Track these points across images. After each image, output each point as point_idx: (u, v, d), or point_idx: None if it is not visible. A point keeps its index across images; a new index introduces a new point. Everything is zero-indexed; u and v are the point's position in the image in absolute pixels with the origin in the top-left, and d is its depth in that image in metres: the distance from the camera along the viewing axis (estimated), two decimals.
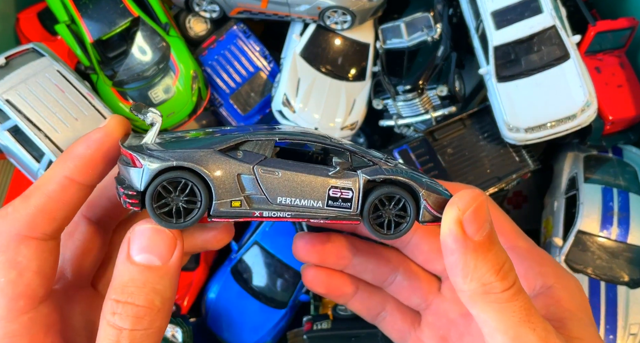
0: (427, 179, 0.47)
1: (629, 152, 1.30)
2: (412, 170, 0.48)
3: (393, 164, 0.47)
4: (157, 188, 0.42)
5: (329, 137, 0.47)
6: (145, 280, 0.41)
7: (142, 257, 0.42)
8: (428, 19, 1.33)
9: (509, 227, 0.53)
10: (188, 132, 0.50)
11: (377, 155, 0.47)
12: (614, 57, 1.27)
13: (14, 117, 1.09)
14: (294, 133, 0.45)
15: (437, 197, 0.45)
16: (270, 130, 0.47)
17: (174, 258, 0.42)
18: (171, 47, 1.28)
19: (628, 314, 1.10)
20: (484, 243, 0.41)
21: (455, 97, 1.27)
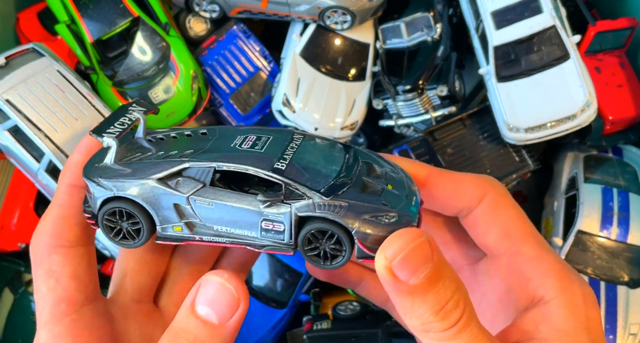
0: (377, 205, 0.44)
1: (629, 152, 1.30)
2: (365, 197, 0.44)
3: (342, 190, 0.44)
4: (104, 215, 0.46)
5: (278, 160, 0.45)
6: (197, 335, 0.41)
7: (202, 309, 0.42)
8: (428, 19, 1.33)
9: (517, 230, 0.48)
10: (173, 134, 0.52)
11: (316, 187, 0.43)
12: (614, 57, 1.27)
13: (14, 117, 1.09)
14: (235, 158, 0.44)
15: (375, 234, 0.42)
16: (222, 149, 0.46)
17: (234, 319, 0.42)
18: (171, 47, 1.28)
19: (628, 314, 1.10)
20: (421, 286, 0.39)
21: (455, 97, 1.27)
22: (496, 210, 0.48)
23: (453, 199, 0.49)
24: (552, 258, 0.47)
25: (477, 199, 0.48)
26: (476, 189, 0.49)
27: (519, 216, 0.49)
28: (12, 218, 1.25)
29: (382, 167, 0.49)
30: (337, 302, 1.31)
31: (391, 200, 0.44)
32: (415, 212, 0.45)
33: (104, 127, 0.49)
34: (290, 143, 0.47)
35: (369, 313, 1.31)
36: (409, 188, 0.47)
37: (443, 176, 0.50)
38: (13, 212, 1.25)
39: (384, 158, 0.50)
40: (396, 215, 0.43)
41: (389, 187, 0.46)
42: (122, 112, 0.52)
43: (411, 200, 0.46)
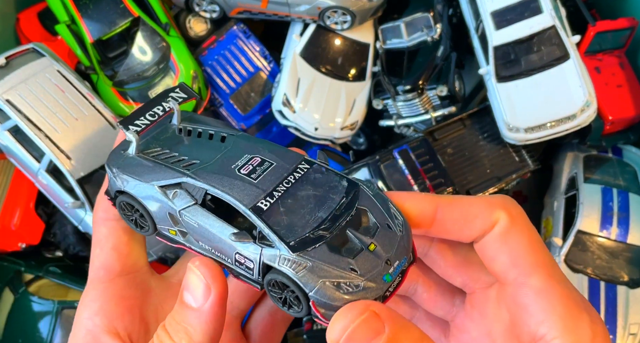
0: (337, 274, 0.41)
1: (629, 152, 1.30)
2: (335, 258, 0.42)
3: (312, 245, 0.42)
4: (119, 204, 0.50)
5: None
6: (183, 319, 0.44)
7: (185, 295, 0.44)
8: (428, 19, 1.33)
9: (526, 259, 0.44)
10: (200, 129, 0.51)
11: (287, 238, 0.42)
12: (614, 57, 1.27)
13: (14, 117, 1.09)
14: (227, 185, 0.44)
15: (331, 303, 0.41)
16: (221, 167, 0.46)
17: (208, 303, 0.43)
18: (171, 47, 1.29)
19: (628, 314, 1.10)
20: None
21: (455, 97, 1.28)
22: (506, 237, 0.45)
23: (465, 229, 0.46)
24: (561, 292, 0.43)
25: (490, 226, 0.45)
26: (488, 216, 0.45)
27: (531, 243, 0.45)
28: (13, 219, 1.25)
29: (379, 217, 0.44)
30: None
31: (365, 265, 0.42)
32: (389, 281, 0.42)
33: (134, 117, 0.50)
34: (291, 174, 0.45)
35: None
36: (396, 249, 0.43)
37: (452, 206, 0.46)
38: (13, 212, 1.25)
39: (388, 202, 0.46)
40: (361, 285, 0.41)
41: (371, 247, 0.42)
42: (160, 99, 0.52)
43: (391, 266, 0.42)
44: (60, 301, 1.20)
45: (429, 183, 1.17)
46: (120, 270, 0.52)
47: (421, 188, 1.17)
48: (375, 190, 0.46)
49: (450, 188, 1.17)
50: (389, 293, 0.43)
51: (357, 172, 1.23)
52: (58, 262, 1.30)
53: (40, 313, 1.21)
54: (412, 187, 1.17)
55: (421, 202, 0.46)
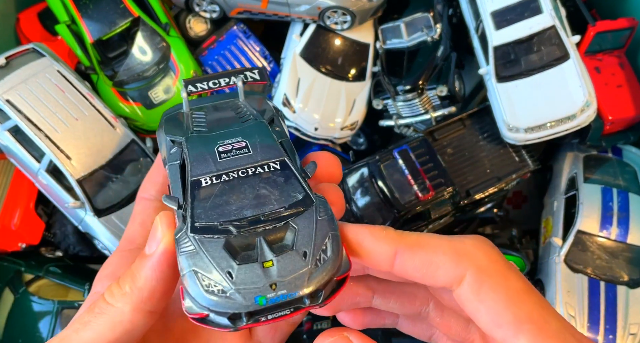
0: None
1: (629, 152, 1.30)
2: (218, 255, 0.39)
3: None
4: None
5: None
6: (134, 265, 0.43)
7: (147, 242, 0.45)
8: (428, 19, 1.33)
9: (508, 317, 0.38)
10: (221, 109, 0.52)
11: (194, 217, 0.41)
12: (614, 57, 1.27)
13: (15, 117, 1.09)
14: (196, 155, 0.45)
15: (191, 298, 0.39)
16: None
17: (157, 251, 0.42)
18: (171, 47, 1.29)
19: (628, 314, 1.10)
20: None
21: (455, 97, 1.28)
22: (479, 294, 0.39)
23: (427, 279, 0.41)
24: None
25: (456, 281, 0.40)
26: (452, 268, 0.40)
27: (511, 294, 0.39)
28: (13, 219, 1.25)
29: (301, 242, 0.40)
30: None
31: (245, 276, 0.38)
32: (261, 305, 0.38)
33: (199, 80, 0.50)
34: (255, 167, 0.43)
35: None
36: (293, 279, 0.39)
37: (413, 252, 0.41)
38: (13, 212, 1.25)
39: (327, 234, 0.41)
40: (227, 293, 0.38)
41: (266, 264, 0.39)
42: (233, 73, 0.52)
43: (274, 291, 0.38)
44: (60, 301, 1.20)
45: (429, 183, 1.17)
46: (141, 242, 0.51)
47: (421, 188, 1.17)
48: (326, 217, 0.41)
49: (450, 188, 1.17)
50: (263, 318, 0.39)
51: (357, 172, 1.23)
52: (58, 262, 1.30)
53: (40, 313, 1.21)
54: (412, 187, 1.17)
55: (380, 244, 0.41)
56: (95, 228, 1.17)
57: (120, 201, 1.19)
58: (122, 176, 1.19)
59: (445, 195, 1.17)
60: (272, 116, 0.49)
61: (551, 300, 1.13)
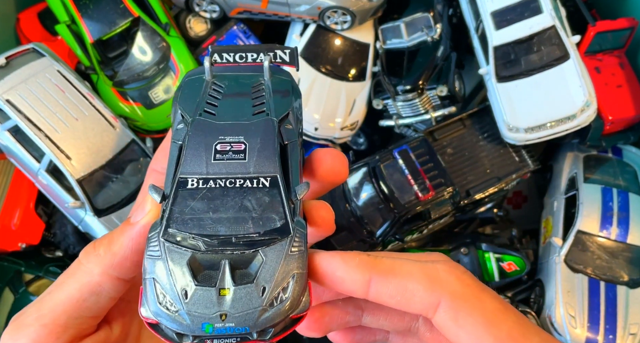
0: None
1: (629, 152, 1.30)
2: (182, 271, 0.39)
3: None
4: None
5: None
6: (115, 230, 0.44)
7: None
8: (428, 19, 1.33)
9: (488, 339, 0.39)
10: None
11: (169, 221, 0.41)
12: (614, 57, 1.27)
13: (15, 117, 1.09)
14: (193, 146, 0.43)
15: (145, 306, 0.39)
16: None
17: (141, 221, 0.43)
18: (171, 47, 1.29)
19: (628, 314, 1.10)
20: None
21: (455, 97, 1.28)
22: (457, 320, 0.40)
23: (403, 306, 0.41)
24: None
25: (432, 308, 0.40)
26: (426, 297, 0.40)
27: (488, 316, 0.39)
28: (13, 219, 1.25)
29: (264, 276, 0.39)
30: None
31: (199, 299, 0.38)
32: (207, 332, 0.37)
33: (226, 50, 0.48)
34: (245, 179, 0.41)
35: None
36: (244, 315, 0.38)
37: (387, 280, 0.41)
38: (14, 212, 1.25)
39: (292, 273, 0.39)
40: (178, 312, 0.38)
41: (222, 292, 0.38)
42: (263, 49, 0.49)
43: (222, 322, 0.37)
44: None
45: (429, 183, 1.17)
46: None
47: (421, 188, 1.17)
48: (297, 253, 0.40)
49: (450, 188, 1.17)
50: (209, 341, 0.38)
51: (357, 172, 1.23)
52: (58, 262, 1.30)
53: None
54: (412, 187, 1.17)
55: (353, 272, 0.41)
56: (95, 229, 1.17)
57: (120, 201, 1.19)
58: (122, 176, 1.19)
59: (445, 195, 1.17)
60: (287, 111, 0.46)
61: (551, 300, 1.13)
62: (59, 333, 0.42)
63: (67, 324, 0.42)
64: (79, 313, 0.42)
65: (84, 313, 0.42)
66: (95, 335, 0.45)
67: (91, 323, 0.44)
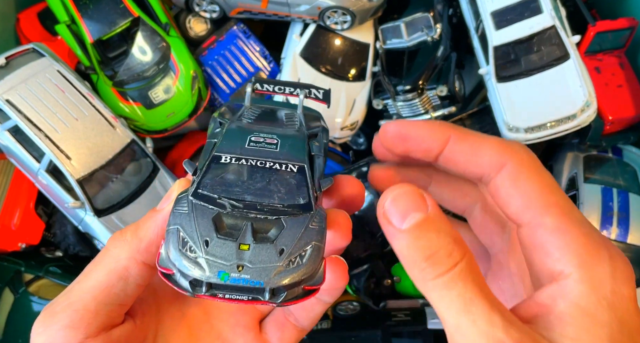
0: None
1: (629, 152, 1.30)
2: (202, 223, 0.41)
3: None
4: None
5: None
6: (144, 216, 0.46)
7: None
8: (428, 19, 1.33)
9: (539, 201, 0.43)
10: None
11: (199, 184, 0.44)
12: (614, 57, 1.27)
13: (14, 117, 1.09)
14: (229, 137, 0.47)
15: (165, 254, 0.41)
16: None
17: (166, 208, 0.45)
18: (171, 47, 1.29)
19: None
20: (412, 231, 0.40)
21: (455, 97, 1.28)
22: (517, 181, 0.44)
23: (471, 166, 0.46)
24: (578, 230, 0.42)
25: (497, 168, 0.45)
26: (496, 156, 0.45)
27: (543, 185, 0.44)
28: (13, 219, 1.25)
29: (283, 243, 0.41)
30: (337, 302, 1.32)
31: (219, 249, 0.39)
32: (223, 280, 0.39)
33: (269, 82, 0.52)
34: (274, 163, 0.45)
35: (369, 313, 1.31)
36: (262, 270, 0.39)
37: (464, 141, 0.46)
38: (13, 212, 1.25)
39: (311, 244, 0.41)
40: (197, 258, 0.39)
41: (242, 247, 0.40)
42: (301, 85, 0.52)
43: (239, 272, 0.39)
44: None
45: None
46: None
47: None
48: (317, 228, 0.42)
49: None
50: (220, 294, 0.40)
51: (357, 172, 1.23)
52: (58, 262, 1.30)
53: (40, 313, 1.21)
54: None
55: (435, 129, 0.47)
56: (95, 229, 1.17)
57: (120, 201, 1.19)
58: (122, 176, 1.19)
59: None
60: (317, 132, 0.50)
61: None
62: (90, 319, 0.43)
63: (97, 310, 0.43)
64: (107, 300, 0.43)
65: (112, 300, 0.44)
66: (122, 326, 0.46)
67: (119, 311, 0.45)
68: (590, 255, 0.41)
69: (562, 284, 0.41)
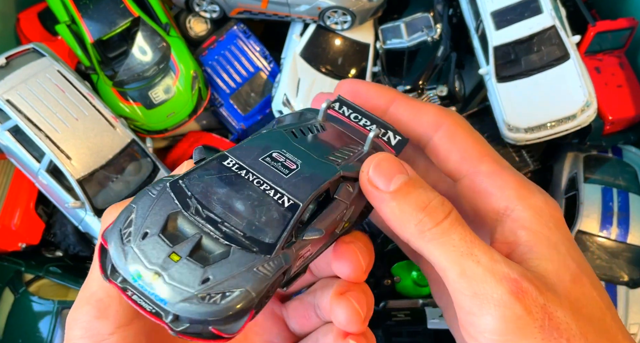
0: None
1: (629, 152, 1.30)
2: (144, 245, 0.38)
3: None
4: None
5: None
6: None
7: None
8: (428, 19, 1.33)
9: (474, 153, 0.49)
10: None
11: (179, 178, 0.41)
12: (614, 57, 1.27)
13: (15, 117, 1.09)
14: (250, 149, 0.44)
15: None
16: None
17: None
18: (171, 47, 1.29)
19: (628, 314, 1.10)
20: (401, 189, 0.42)
21: (455, 97, 1.28)
22: (453, 137, 0.49)
23: (412, 125, 0.51)
24: (510, 172, 0.49)
25: (434, 127, 0.50)
26: (434, 117, 0.50)
27: (476, 140, 0.50)
28: (13, 219, 1.25)
29: (220, 270, 0.36)
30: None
31: (152, 248, 0.37)
32: (133, 280, 0.36)
33: (349, 105, 0.50)
34: (272, 189, 0.40)
35: None
36: (173, 290, 0.35)
37: (406, 103, 0.51)
38: (14, 212, 1.25)
39: (243, 295, 0.36)
40: (131, 246, 0.37)
41: (173, 257, 0.36)
42: (380, 122, 0.50)
43: (150, 279, 0.35)
44: (60, 301, 1.20)
45: None
46: None
47: None
48: (261, 275, 0.37)
49: None
50: (130, 292, 0.37)
51: None
52: (58, 262, 1.30)
53: (40, 313, 1.21)
54: None
55: (379, 91, 0.52)
56: (95, 229, 1.17)
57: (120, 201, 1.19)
58: (122, 176, 1.19)
59: None
60: (355, 177, 0.45)
61: None
62: (117, 306, 0.43)
63: (120, 296, 0.42)
64: None
65: None
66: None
67: None
68: (524, 188, 0.47)
69: (514, 217, 0.45)
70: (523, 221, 0.45)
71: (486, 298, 0.39)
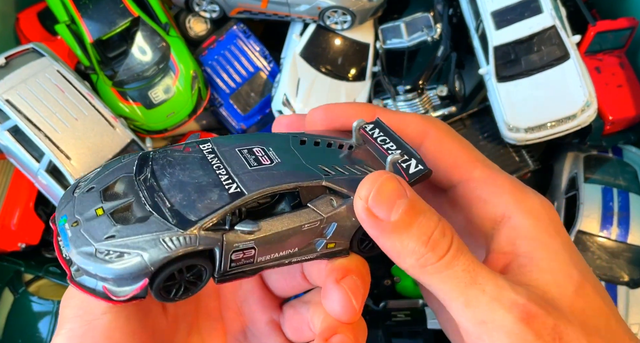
0: None
1: (629, 152, 1.30)
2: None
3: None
4: None
5: None
6: None
7: None
8: (428, 19, 1.33)
9: (463, 159, 0.48)
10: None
11: (143, 155, 0.43)
12: (614, 57, 1.27)
13: (14, 117, 1.09)
14: (235, 141, 0.44)
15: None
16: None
17: None
18: (171, 47, 1.28)
19: (628, 314, 1.10)
20: (402, 220, 0.39)
21: (455, 97, 1.27)
22: (441, 145, 0.48)
23: (400, 133, 0.49)
24: (503, 176, 0.47)
25: (420, 136, 0.49)
26: (419, 126, 0.49)
27: (464, 147, 0.49)
28: (12, 219, 1.25)
29: (127, 232, 0.37)
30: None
31: (87, 199, 0.39)
32: (59, 220, 0.38)
33: (382, 128, 0.48)
34: (229, 177, 0.40)
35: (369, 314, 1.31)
36: (77, 238, 0.37)
37: (387, 116, 0.49)
38: (13, 212, 1.25)
39: (136, 259, 0.36)
40: (69, 191, 0.40)
41: (98, 210, 0.39)
42: (407, 150, 0.46)
43: (69, 225, 0.38)
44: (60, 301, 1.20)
45: None
46: None
47: None
48: (165, 247, 0.37)
49: None
50: (59, 237, 0.39)
51: None
52: (58, 262, 1.29)
53: (40, 313, 1.21)
54: None
55: (363, 107, 0.50)
56: None
57: None
58: None
59: None
60: (350, 197, 0.43)
61: None
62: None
63: None
64: None
65: None
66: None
67: None
68: (520, 192, 0.46)
69: (511, 225, 0.44)
70: (521, 229, 0.43)
71: (495, 327, 0.38)
